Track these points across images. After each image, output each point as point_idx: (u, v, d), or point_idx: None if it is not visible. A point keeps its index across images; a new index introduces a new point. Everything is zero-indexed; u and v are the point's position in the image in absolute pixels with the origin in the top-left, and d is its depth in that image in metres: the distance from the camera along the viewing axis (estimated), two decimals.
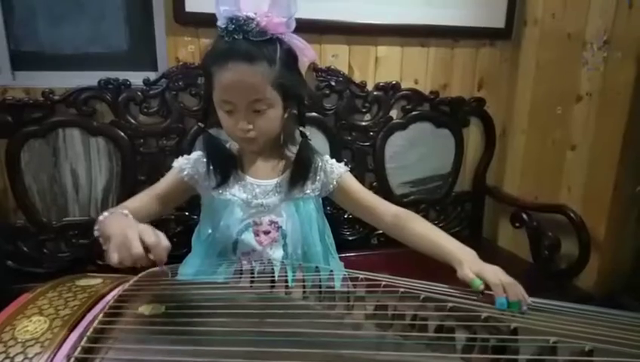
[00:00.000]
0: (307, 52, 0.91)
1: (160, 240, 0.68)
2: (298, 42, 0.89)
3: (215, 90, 0.87)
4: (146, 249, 0.66)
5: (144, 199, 0.95)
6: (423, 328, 0.62)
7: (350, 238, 1.54)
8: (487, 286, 0.71)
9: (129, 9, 1.37)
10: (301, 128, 0.97)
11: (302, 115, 0.97)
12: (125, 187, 1.32)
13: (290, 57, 0.89)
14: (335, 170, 1.00)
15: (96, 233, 0.79)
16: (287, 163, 0.98)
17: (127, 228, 0.68)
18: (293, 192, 0.95)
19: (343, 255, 1.12)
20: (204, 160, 0.97)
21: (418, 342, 0.60)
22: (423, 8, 1.50)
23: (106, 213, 0.81)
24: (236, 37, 0.82)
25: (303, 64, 0.94)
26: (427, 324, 0.63)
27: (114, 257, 0.66)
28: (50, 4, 1.31)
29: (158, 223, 1.22)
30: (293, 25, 0.87)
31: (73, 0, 1.32)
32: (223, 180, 0.94)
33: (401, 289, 0.69)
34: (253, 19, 0.83)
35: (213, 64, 0.85)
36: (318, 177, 0.98)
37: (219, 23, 0.85)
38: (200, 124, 0.98)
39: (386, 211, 0.96)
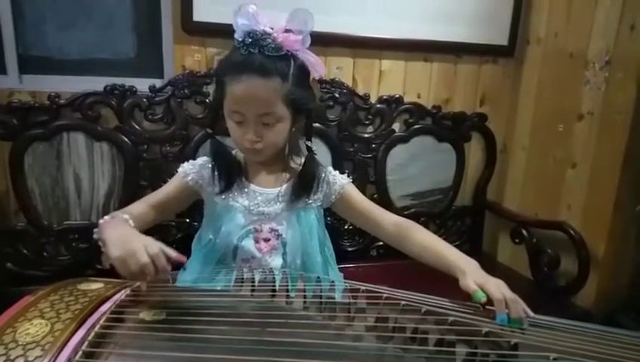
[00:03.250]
0: (318, 67, 0.92)
1: (162, 250, 0.70)
2: (311, 57, 0.90)
3: (226, 100, 0.88)
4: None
5: (147, 204, 0.95)
6: (424, 341, 0.62)
7: (349, 249, 1.54)
8: (490, 299, 0.71)
9: (137, 17, 1.39)
10: (307, 142, 0.98)
11: (309, 129, 0.98)
12: (127, 192, 1.32)
13: (303, 73, 0.90)
14: (338, 182, 1.00)
15: (95, 236, 0.79)
16: (290, 173, 0.99)
17: (132, 238, 0.71)
18: (295, 203, 0.96)
19: (342, 266, 1.11)
20: (210, 165, 0.97)
21: (418, 356, 0.60)
22: (427, 24, 1.52)
23: (106, 217, 0.82)
24: (252, 50, 0.83)
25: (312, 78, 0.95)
26: (428, 338, 0.63)
27: (113, 262, 0.67)
28: (59, 10, 1.32)
29: (158, 229, 1.23)
30: (309, 41, 0.88)
31: (82, 6, 1.34)
32: (227, 186, 0.95)
33: (403, 302, 0.69)
34: (270, 34, 0.84)
35: (226, 74, 0.86)
36: (320, 188, 0.99)
37: (236, 36, 0.86)
38: (208, 130, 0.99)
39: (388, 221, 0.96)
